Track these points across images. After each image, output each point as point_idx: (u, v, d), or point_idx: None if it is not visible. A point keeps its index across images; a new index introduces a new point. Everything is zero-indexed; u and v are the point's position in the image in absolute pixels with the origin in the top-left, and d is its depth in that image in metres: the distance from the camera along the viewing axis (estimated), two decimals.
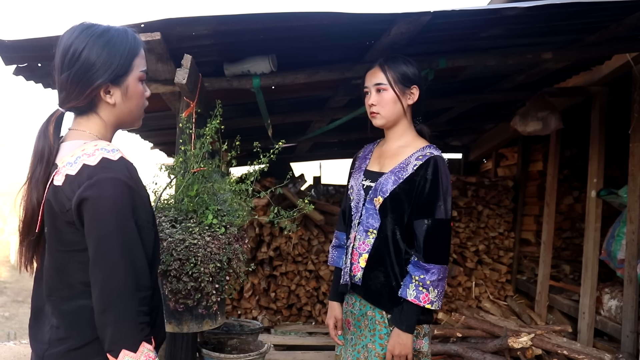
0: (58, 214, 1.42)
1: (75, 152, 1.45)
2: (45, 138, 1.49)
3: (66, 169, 1.42)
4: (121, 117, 1.58)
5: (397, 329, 2.19)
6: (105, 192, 1.37)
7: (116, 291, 1.37)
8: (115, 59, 1.49)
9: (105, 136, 1.56)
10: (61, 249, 1.46)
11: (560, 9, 2.68)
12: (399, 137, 2.34)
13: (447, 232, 2.22)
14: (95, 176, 1.38)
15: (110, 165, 1.41)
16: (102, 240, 1.37)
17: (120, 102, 1.54)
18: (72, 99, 1.49)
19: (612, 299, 4.84)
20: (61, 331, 1.47)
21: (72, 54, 1.47)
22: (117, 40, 1.51)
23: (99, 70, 1.47)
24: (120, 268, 1.37)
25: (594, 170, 4.81)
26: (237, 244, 2.36)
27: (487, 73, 4.16)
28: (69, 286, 1.46)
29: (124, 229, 1.39)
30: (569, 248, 6.27)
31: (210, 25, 2.47)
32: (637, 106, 4.17)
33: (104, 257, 1.37)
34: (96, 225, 1.37)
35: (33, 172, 1.49)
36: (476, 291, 6.23)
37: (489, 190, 6.35)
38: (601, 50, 3.60)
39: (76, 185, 1.39)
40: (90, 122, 1.54)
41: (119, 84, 1.52)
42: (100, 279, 1.37)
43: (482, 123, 6.49)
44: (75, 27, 1.51)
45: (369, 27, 2.78)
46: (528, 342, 4.14)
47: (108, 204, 1.37)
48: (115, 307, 1.36)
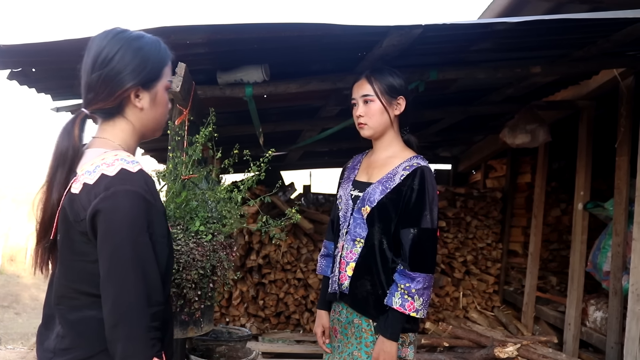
0: (72, 223, 1.40)
1: (95, 161, 1.42)
2: (70, 139, 1.46)
3: (84, 177, 1.40)
4: (147, 123, 1.56)
5: (382, 336, 2.21)
6: (121, 204, 1.35)
7: (128, 306, 1.34)
8: (147, 64, 1.50)
9: (129, 145, 1.54)
10: (72, 258, 1.43)
11: (549, 24, 2.73)
12: (386, 148, 2.37)
13: (433, 241, 2.24)
14: (113, 187, 1.36)
15: (129, 177, 1.38)
16: (115, 254, 1.35)
17: (148, 108, 1.53)
18: (100, 99, 1.48)
19: (597, 310, 4.88)
20: (67, 341, 1.45)
21: (105, 55, 1.46)
22: (150, 47, 1.52)
23: (131, 73, 1.47)
24: (133, 283, 1.35)
25: (581, 183, 4.87)
26: (223, 252, 2.37)
27: (477, 85, 4.21)
28: (77, 296, 1.44)
29: (138, 243, 1.36)
30: (556, 260, 6.32)
31: (204, 34, 2.49)
32: (623, 120, 4.23)
33: (117, 271, 1.35)
34: (110, 238, 1.34)
35: (54, 175, 1.45)
36: (464, 301, 6.25)
37: (477, 202, 6.39)
38: (589, 65, 3.66)
39: (93, 195, 1.36)
40: (116, 129, 1.52)
41: (149, 89, 1.52)
42: (113, 293, 1.35)
43: (471, 135, 6.54)
44: (108, 31, 1.52)
45: (361, 38, 2.82)
46: (514, 352, 4.17)
47: (123, 217, 1.35)
48: (127, 322, 1.34)
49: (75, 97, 3.53)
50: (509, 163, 6.54)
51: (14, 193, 26.66)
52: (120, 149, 1.48)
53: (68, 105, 3.69)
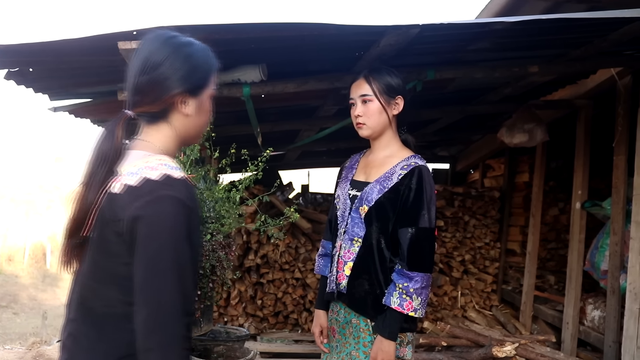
0: (108, 222, 1.37)
1: (137, 163, 1.41)
2: (112, 140, 1.44)
3: (126, 178, 1.38)
4: (190, 130, 1.55)
5: (380, 336, 2.21)
6: (164, 210, 1.33)
7: (165, 315, 1.31)
8: (196, 71, 1.49)
9: (170, 150, 1.52)
10: (102, 258, 1.41)
11: (546, 24, 2.73)
12: (384, 147, 2.37)
13: (431, 240, 2.24)
14: (157, 192, 1.34)
15: (173, 182, 1.37)
16: (155, 261, 1.32)
17: (193, 115, 1.51)
18: (146, 103, 1.46)
19: (595, 309, 4.89)
20: (87, 342, 1.43)
21: (155, 59, 1.45)
22: (200, 54, 1.52)
23: (180, 79, 1.46)
24: (170, 291, 1.31)
25: (579, 182, 4.88)
26: (222, 252, 2.37)
27: (475, 85, 4.21)
28: (101, 297, 1.42)
29: (178, 251, 1.33)
30: (554, 259, 6.33)
31: (202, 33, 2.48)
32: (621, 120, 4.23)
33: (156, 277, 1.31)
34: (151, 244, 1.32)
35: (93, 174, 1.42)
36: (462, 301, 6.26)
37: (475, 201, 6.40)
38: (586, 65, 3.66)
39: (134, 197, 1.34)
40: (159, 133, 1.50)
41: (195, 96, 1.50)
42: (149, 300, 1.31)
43: (469, 134, 6.55)
44: (159, 34, 1.50)
45: (359, 38, 2.82)
46: (512, 351, 4.17)
47: (166, 223, 1.32)
48: (163, 331, 1.31)
49: (73, 96, 3.53)
50: (507, 162, 6.55)
51: (12, 193, 26.61)
52: (162, 153, 1.47)
53: (65, 105, 3.69)
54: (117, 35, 2.39)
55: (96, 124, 4.39)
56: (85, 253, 1.46)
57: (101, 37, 2.38)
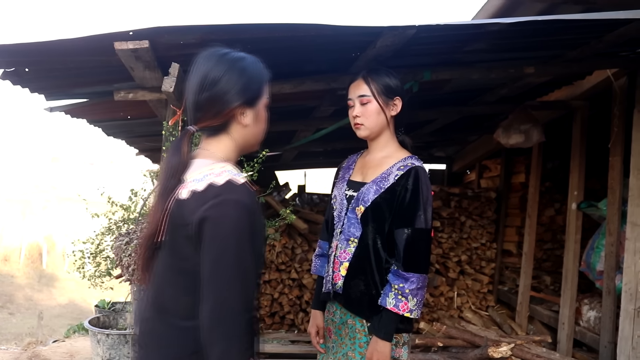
0: (178, 227, 1.48)
1: (202, 170, 1.52)
2: (179, 155, 1.56)
3: (192, 184, 1.49)
4: (249, 138, 1.65)
5: (375, 337, 2.21)
6: (228, 213, 1.43)
7: (228, 310, 1.40)
8: (251, 84, 1.60)
9: (231, 159, 1.62)
10: (174, 260, 1.52)
11: (542, 25, 2.74)
12: (382, 148, 2.37)
13: (427, 241, 2.25)
14: (221, 196, 1.44)
15: (236, 188, 1.47)
16: (219, 260, 1.42)
17: (251, 124, 1.62)
18: (208, 117, 1.57)
19: (591, 309, 4.90)
20: (161, 339, 1.54)
21: (213, 76, 1.55)
22: (253, 67, 1.63)
23: (237, 92, 1.56)
24: (233, 288, 1.41)
25: (575, 183, 4.89)
26: None
27: (471, 86, 4.21)
28: (173, 297, 1.53)
29: (241, 251, 1.43)
30: (550, 259, 6.34)
31: (198, 34, 2.49)
32: (616, 120, 4.24)
33: (220, 276, 1.41)
34: (216, 244, 1.42)
35: (165, 186, 1.55)
36: (458, 301, 6.27)
37: (472, 201, 6.40)
38: (582, 66, 3.67)
39: (201, 202, 1.44)
40: (220, 144, 1.61)
41: (252, 107, 1.61)
42: (213, 297, 1.41)
43: (465, 135, 6.55)
44: (212, 52, 1.62)
45: (355, 39, 2.82)
46: (508, 352, 4.18)
47: (230, 225, 1.42)
48: (225, 325, 1.41)
49: (69, 97, 3.52)
50: (503, 163, 6.55)
51: (7, 193, 26.54)
52: (224, 162, 1.58)
53: (62, 105, 3.68)
54: (113, 36, 2.39)
55: (92, 124, 4.38)
56: (158, 257, 1.59)
57: (97, 37, 2.38)
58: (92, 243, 2.56)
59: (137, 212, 2.52)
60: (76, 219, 21.52)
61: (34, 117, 39.97)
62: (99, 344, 2.92)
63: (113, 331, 2.98)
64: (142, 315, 1.63)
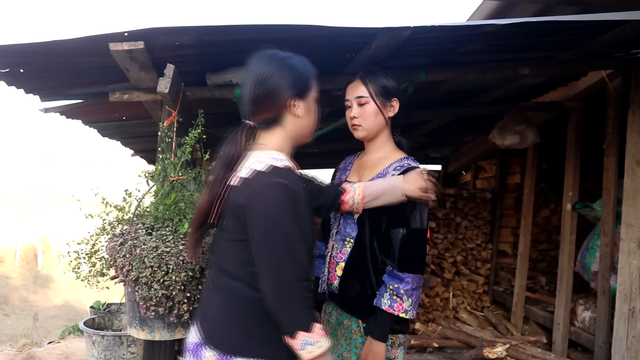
0: (230, 210, 1.67)
1: (252, 160, 1.69)
2: (236, 146, 1.74)
3: (241, 172, 1.67)
4: (301, 129, 1.83)
5: (370, 337, 2.21)
6: (272, 194, 1.60)
7: (285, 281, 1.59)
8: (300, 77, 1.79)
9: (284, 150, 1.78)
10: (229, 241, 1.70)
11: (537, 26, 2.75)
12: (378, 149, 2.37)
13: (423, 241, 2.24)
14: (264, 180, 1.62)
15: (277, 171, 1.63)
16: (268, 237, 1.59)
17: (303, 115, 1.80)
18: (263, 110, 1.75)
19: (586, 310, 4.91)
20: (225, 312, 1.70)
21: (265, 74, 1.74)
22: (300, 63, 1.81)
23: (288, 85, 1.75)
24: (285, 261, 1.59)
25: (570, 184, 4.90)
26: None
27: (467, 87, 4.22)
28: (235, 270, 1.70)
29: (286, 227, 1.60)
30: (545, 260, 6.35)
31: (193, 35, 2.49)
32: (611, 121, 4.25)
33: (271, 251, 1.59)
34: (263, 223, 1.60)
35: (219, 174, 1.73)
36: (453, 302, 6.28)
37: (467, 202, 6.42)
38: (577, 67, 3.68)
39: (247, 186, 1.63)
40: (274, 136, 1.79)
41: (303, 98, 1.79)
42: (269, 271, 1.59)
43: (461, 135, 6.57)
44: (264, 53, 1.81)
45: (350, 40, 2.82)
46: (503, 352, 4.19)
47: (273, 204, 1.60)
48: (285, 295, 1.59)
49: (64, 97, 3.51)
50: (499, 164, 6.57)
51: (2, 194, 26.45)
52: (274, 150, 1.74)
53: (57, 106, 3.67)
54: (108, 37, 2.38)
55: (87, 125, 4.37)
56: (216, 238, 1.79)
57: (92, 38, 2.38)
58: (87, 243, 2.55)
59: (131, 213, 2.51)
60: (72, 219, 21.47)
61: (29, 118, 39.81)
62: (94, 345, 2.92)
63: (108, 332, 2.97)
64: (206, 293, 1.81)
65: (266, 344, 1.67)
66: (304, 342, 1.60)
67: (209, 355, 1.69)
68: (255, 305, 1.65)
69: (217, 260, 1.77)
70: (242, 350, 1.66)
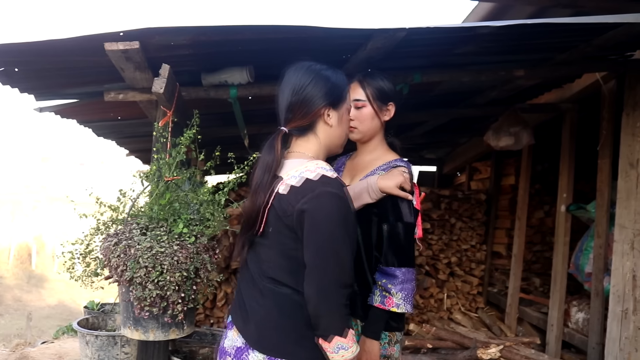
0: (281, 218, 1.71)
1: (298, 168, 1.75)
2: (273, 153, 1.79)
3: (290, 180, 1.72)
4: (333, 139, 1.89)
5: (363, 336, 2.20)
6: (325, 204, 1.66)
7: (329, 288, 1.66)
8: (335, 88, 1.85)
9: (320, 158, 1.85)
10: (276, 247, 1.75)
11: (532, 28, 2.75)
12: (371, 151, 2.37)
13: (407, 234, 2.20)
14: (317, 190, 1.67)
15: (329, 181, 1.70)
16: (320, 245, 1.65)
17: (335, 125, 1.86)
18: (298, 117, 1.82)
19: (579, 311, 4.93)
20: (263, 309, 1.75)
21: (302, 83, 1.82)
22: (335, 76, 1.88)
23: (323, 95, 1.82)
24: (333, 269, 1.66)
25: (564, 185, 4.91)
26: (206, 254, 2.37)
27: (462, 88, 4.23)
28: (275, 278, 1.75)
29: (337, 237, 1.67)
30: (539, 261, 6.37)
31: (189, 35, 2.49)
32: (605, 123, 4.27)
33: (321, 258, 1.66)
34: (316, 231, 1.66)
35: (260, 180, 1.78)
36: (448, 303, 6.29)
37: (462, 203, 6.43)
38: (571, 69, 3.69)
39: (300, 195, 1.68)
40: (309, 143, 1.85)
41: (337, 108, 1.86)
42: (317, 277, 1.66)
43: (456, 137, 6.58)
44: (301, 65, 1.88)
45: (346, 41, 2.82)
46: (497, 353, 4.20)
47: (326, 214, 1.66)
48: (328, 301, 1.66)
49: (59, 97, 3.50)
50: (493, 165, 6.58)
51: None
52: (314, 159, 1.81)
53: (51, 105, 3.66)
54: (103, 37, 2.38)
55: (82, 125, 4.36)
56: (257, 244, 1.82)
57: (87, 37, 2.37)
58: (81, 243, 2.55)
59: (126, 213, 2.51)
60: (66, 219, 21.43)
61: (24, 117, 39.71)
62: (88, 345, 2.91)
63: (102, 332, 2.96)
64: (241, 297, 1.86)
65: (315, 349, 1.72)
66: (338, 347, 1.68)
67: (257, 358, 1.74)
68: (305, 310, 1.71)
69: (259, 266, 1.81)
70: (292, 354, 1.73)
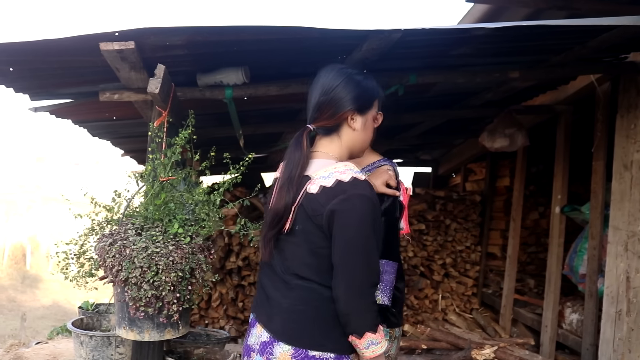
0: (310, 217, 1.74)
1: (327, 169, 1.78)
2: (300, 149, 1.82)
3: (320, 181, 1.75)
4: (356, 143, 1.91)
5: None
6: (356, 205, 1.69)
7: (358, 287, 1.70)
8: (364, 94, 1.87)
9: (344, 159, 1.88)
10: (305, 245, 1.77)
11: (527, 30, 2.76)
12: None
13: (392, 228, 2.21)
14: (348, 191, 1.71)
15: (360, 183, 1.74)
16: (349, 245, 1.69)
17: (359, 129, 1.88)
18: (324, 118, 1.86)
19: (573, 312, 4.94)
20: (289, 301, 1.79)
21: (332, 84, 1.84)
22: (367, 81, 1.90)
23: (351, 99, 1.84)
24: (362, 268, 1.70)
25: (559, 187, 4.93)
26: (202, 255, 2.37)
27: (457, 89, 4.23)
28: (307, 273, 1.78)
29: (366, 237, 1.70)
30: (534, 262, 6.39)
31: (184, 35, 2.48)
32: (600, 125, 4.29)
33: (351, 258, 1.70)
34: (346, 232, 1.69)
35: (288, 177, 1.81)
36: (442, 304, 6.30)
37: (457, 204, 6.44)
38: (566, 71, 3.70)
39: (331, 196, 1.71)
40: (332, 145, 1.88)
41: (362, 114, 1.88)
42: (346, 276, 1.70)
43: (451, 138, 6.59)
44: (333, 67, 1.90)
45: (341, 42, 2.83)
46: (491, 354, 4.21)
47: (357, 215, 1.69)
48: (358, 299, 1.70)
49: (54, 97, 3.49)
50: (488, 166, 6.60)
51: None
52: (339, 161, 1.85)
53: (46, 105, 3.65)
54: (98, 36, 2.37)
55: (77, 125, 4.35)
56: (282, 241, 1.84)
57: (83, 37, 2.37)
58: (76, 244, 2.54)
59: (121, 213, 2.51)
60: (61, 219, 21.37)
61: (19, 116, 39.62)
62: (82, 346, 2.90)
63: (96, 333, 2.95)
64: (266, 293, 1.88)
65: (340, 340, 1.77)
66: (370, 342, 1.72)
67: (283, 350, 1.77)
68: (331, 303, 1.74)
69: (285, 263, 1.83)
70: (320, 345, 1.76)
